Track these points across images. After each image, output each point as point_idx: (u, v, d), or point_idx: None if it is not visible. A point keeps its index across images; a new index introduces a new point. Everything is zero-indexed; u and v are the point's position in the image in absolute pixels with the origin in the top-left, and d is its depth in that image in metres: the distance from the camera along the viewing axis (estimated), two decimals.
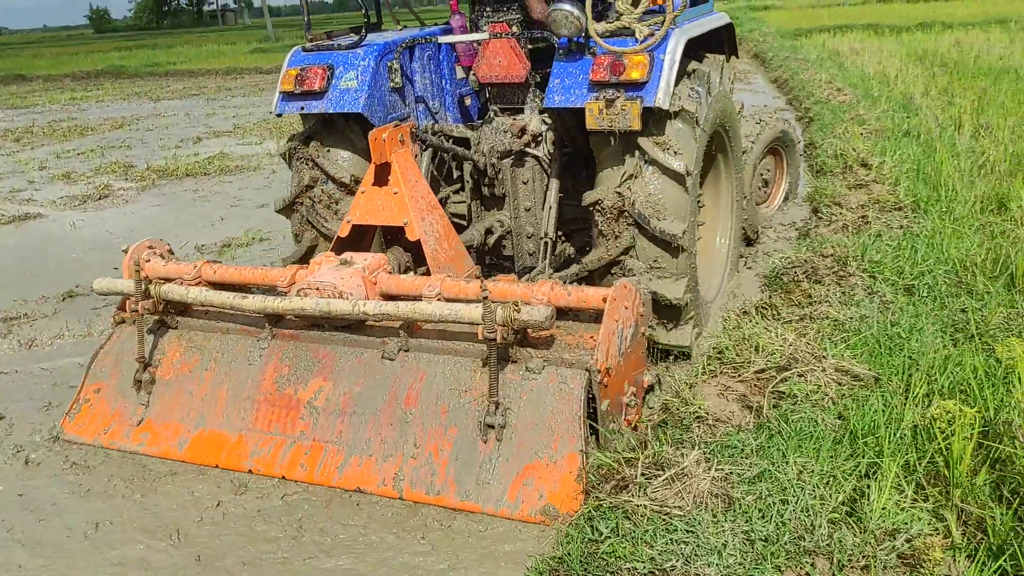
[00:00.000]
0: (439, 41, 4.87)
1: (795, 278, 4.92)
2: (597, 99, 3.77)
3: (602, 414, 3.30)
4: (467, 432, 3.35)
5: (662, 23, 3.79)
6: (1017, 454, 2.87)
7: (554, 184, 4.51)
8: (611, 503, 2.97)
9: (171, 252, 4.33)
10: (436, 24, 5.28)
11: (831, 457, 3.06)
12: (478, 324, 3.25)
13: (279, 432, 3.64)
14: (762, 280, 5.15)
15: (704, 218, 4.84)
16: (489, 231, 4.77)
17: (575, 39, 3.92)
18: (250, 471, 3.61)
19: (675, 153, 3.89)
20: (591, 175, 4.19)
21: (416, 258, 4.18)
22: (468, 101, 5.27)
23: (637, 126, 3.73)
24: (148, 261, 4.12)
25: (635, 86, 3.76)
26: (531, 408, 3.29)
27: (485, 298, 3.23)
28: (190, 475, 3.67)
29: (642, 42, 3.80)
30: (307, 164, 4.63)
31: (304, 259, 4.59)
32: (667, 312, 4.02)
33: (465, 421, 3.37)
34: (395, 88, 4.57)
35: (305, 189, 4.64)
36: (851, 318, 4.24)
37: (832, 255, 5.10)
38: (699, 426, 3.38)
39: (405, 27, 5.22)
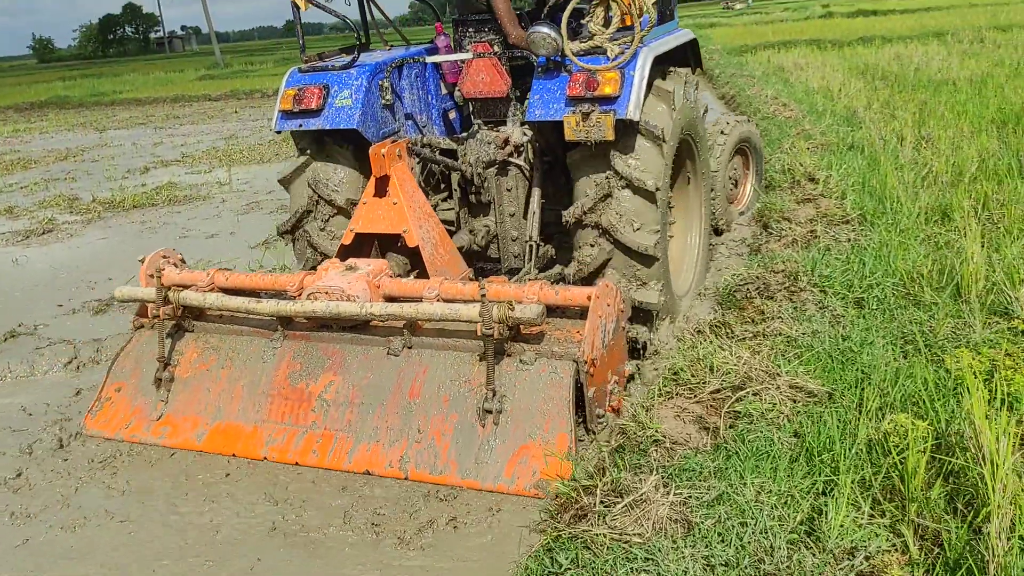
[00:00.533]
0: (428, 60, 5.28)
1: (748, 295, 4.95)
2: (574, 112, 4.12)
3: (589, 400, 3.62)
4: (467, 418, 3.67)
5: (631, 42, 4.13)
6: (969, 466, 2.90)
7: (536, 191, 4.89)
8: (570, 533, 2.94)
9: (183, 261, 4.64)
10: (419, 44, 5.63)
11: (788, 476, 3.07)
12: (476, 322, 3.57)
13: (292, 423, 3.95)
14: (716, 297, 5.17)
15: (676, 218, 5.18)
16: (477, 236, 5.08)
17: (552, 58, 4.28)
18: (265, 458, 3.90)
19: (644, 171, 4.23)
20: (569, 182, 4.51)
21: (413, 263, 4.51)
22: (452, 115, 5.59)
23: (611, 136, 4.09)
24: (163, 270, 4.34)
25: (608, 100, 4.11)
26: (525, 395, 3.62)
27: (483, 297, 3.57)
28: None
29: (613, 60, 4.15)
30: (305, 188, 4.91)
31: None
32: (642, 315, 4.41)
33: (465, 409, 3.69)
34: (386, 105, 4.89)
35: (305, 213, 4.93)
36: (803, 333, 4.27)
37: (783, 271, 5.14)
38: (657, 450, 3.36)
39: (392, 46, 5.56)
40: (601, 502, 3.02)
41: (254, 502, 3.61)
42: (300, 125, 4.75)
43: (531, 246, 4.87)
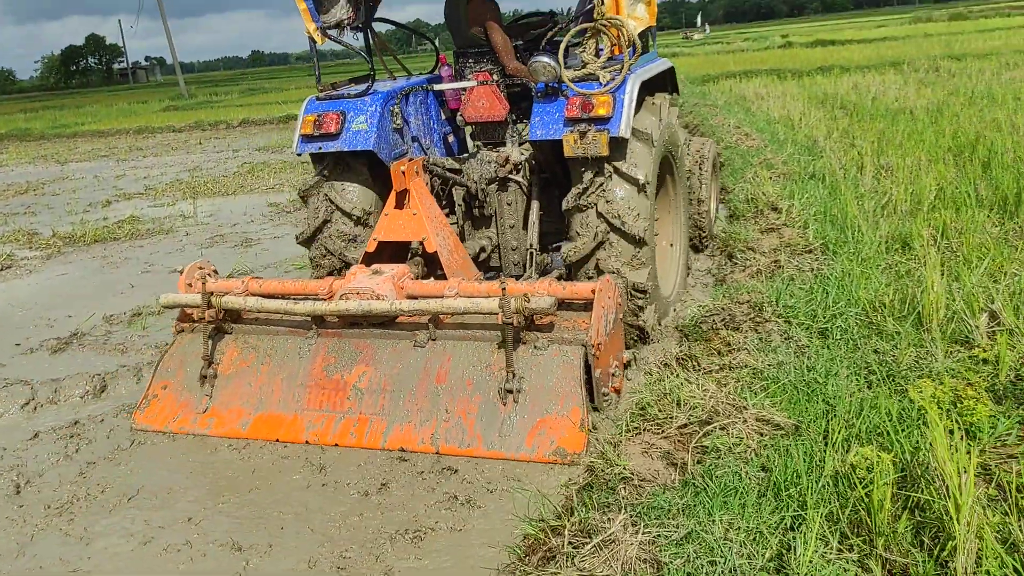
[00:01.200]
0: (436, 89, 5.90)
1: (714, 326, 4.97)
2: (572, 132, 4.63)
3: (595, 380, 4.05)
4: (489, 398, 4.09)
5: (620, 70, 4.69)
6: (934, 499, 2.91)
7: (535, 204, 5.43)
8: None
9: (215, 272, 5.06)
10: (420, 73, 6.26)
11: (756, 512, 3.06)
12: (495, 313, 4.02)
13: (330, 409, 4.34)
14: (683, 329, 5.18)
15: (659, 229, 5.58)
16: (482, 246, 5.57)
17: (551, 84, 4.80)
18: (307, 442, 4.26)
19: (636, 166, 4.77)
20: (563, 195, 4.95)
21: (429, 267, 4.98)
22: (450, 138, 6.18)
23: (605, 152, 4.59)
24: (199, 280, 4.77)
25: (602, 121, 4.63)
26: (540, 376, 4.05)
27: (503, 291, 4.00)
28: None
29: (605, 86, 4.68)
30: (324, 201, 5.34)
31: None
32: (635, 296, 4.81)
33: (487, 390, 4.11)
34: (396, 129, 5.39)
35: (323, 224, 5.35)
36: (769, 365, 4.29)
37: (748, 301, 5.17)
38: (625, 487, 3.34)
39: (395, 76, 6.07)
40: (569, 543, 2.99)
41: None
42: (320, 147, 5.21)
43: (531, 253, 5.40)
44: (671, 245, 5.83)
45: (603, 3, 4.72)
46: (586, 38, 4.81)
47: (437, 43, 7.03)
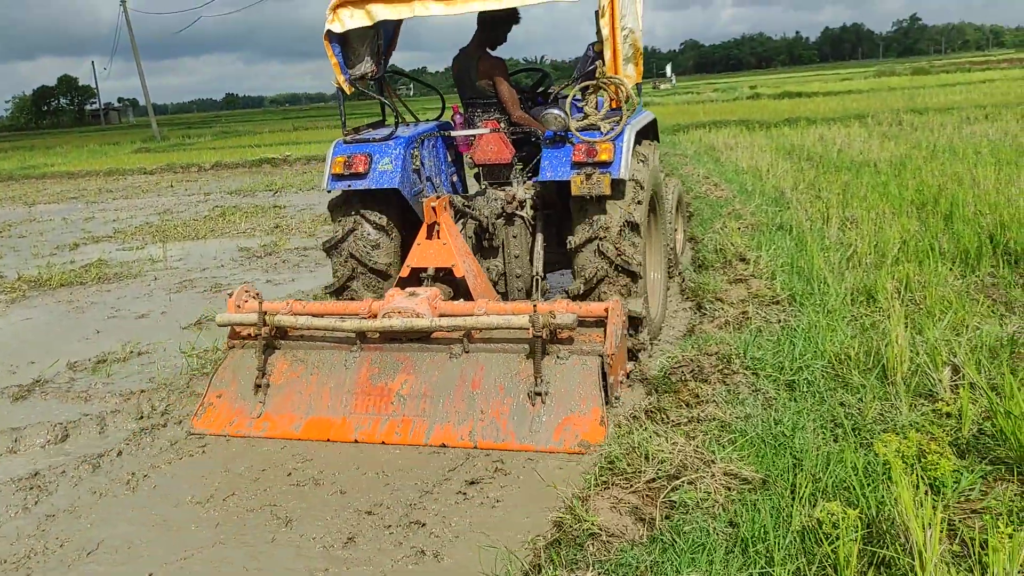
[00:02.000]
0: (453, 135, 6.53)
1: (683, 378, 4.99)
2: (579, 174, 5.33)
3: (610, 385, 4.71)
4: (519, 400, 4.70)
5: (619, 121, 5.42)
6: (899, 556, 2.92)
7: (539, 236, 6.14)
8: None
9: (259, 295, 5.61)
10: (427, 120, 7.03)
11: (724, 568, 3.05)
12: (524, 328, 4.67)
13: (375, 412, 4.89)
14: (652, 380, 5.21)
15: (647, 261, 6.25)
16: (489, 274, 6.18)
17: (559, 132, 5.51)
18: (356, 441, 4.78)
19: (631, 208, 5.47)
20: (562, 229, 5.88)
21: (456, 290, 5.56)
22: (454, 178, 6.83)
23: (608, 192, 5.29)
24: (247, 302, 5.45)
25: (605, 165, 5.33)
26: (563, 382, 4.69)
27: (535, 308, 4.68)
28: None
29: (606, 135, 5.39)
30: (351, 214, 5.99)
31: (343, 287, 6.08)
32: (632, 322, 5.45)
33: (517, 393, 4.72)
34: (415, 169, 6.03)
35: (348, 233, 5.98)
36: (737, 418, 4.31)
37: (716, 353, 5.21)
38: (593, 543, 3.31)
39: (408, 122, 6.68)
40: None
41: None
42: (350, 185, 5.83)
43: (536, 279, 6.07)
44: (655, 274, 6.46)
45: (603, 64, 5.47)
46: (588, 93, 5.52)
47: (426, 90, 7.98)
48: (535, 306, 4.73)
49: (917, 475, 3.43)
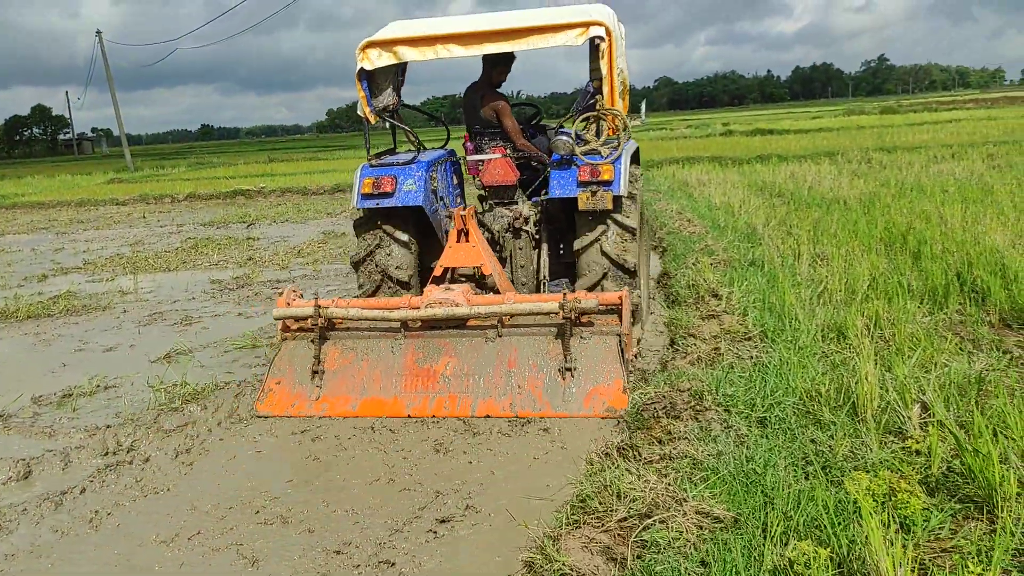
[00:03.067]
0: (469, 159, 7.43)
1: (655, 414, 4.98)
2: (584, 191, 6.22)
3: (626, 359, 5.54)
4: (551, 376, 5.53)
5: (616, 147, 6.38)
6: None
7: (544, 246, 7.08)
8: None
9: (302, 295, 6.37)
10: (434, 147, 7.77)
11: None
12: (553, 313, 5.58)
13: (423, 391, 5.64)
14: (624, 418, 5.20)
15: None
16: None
17: (565, 156, 6.39)
18: (409, 416, 5.51)
19: (629, 218, 6.40)
20: (561, 243, 7.16)
21: (481, 287, 6.52)
22: (458, 199, 7.65)
23: (610, 206, 6.21)
24: (295, 300, 6.17)
25: (607, 183, 6.22)
26: (588, 358, 5.55)
27: (564, 295, 5.51)
28: None
29: (607, 158, 6.29)
30: (376, 232, 6.79)
31: (371, 297, 6.71)
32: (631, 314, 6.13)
33: (549, 369, 5.56)
34: (433, 189, 6.82)
35: (374, 248, 6.78)
36: (709, 455, 4.30)
37: (689, 389, 5.21)
38: None
39: (420, 149, 7.31)
40: None
41: None
42: (378, 204, 6.59)
43: (544, 282, 6.98)
44: (644, 270, 7.36)
45: (602, 98, 6.38)
46: (589, 123, 6.50)
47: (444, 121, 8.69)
48: (564, 293, 5.52)
49: (888, 514, 3.44)
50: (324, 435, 5.42)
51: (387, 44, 6.37)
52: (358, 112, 6.69)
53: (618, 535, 3.62)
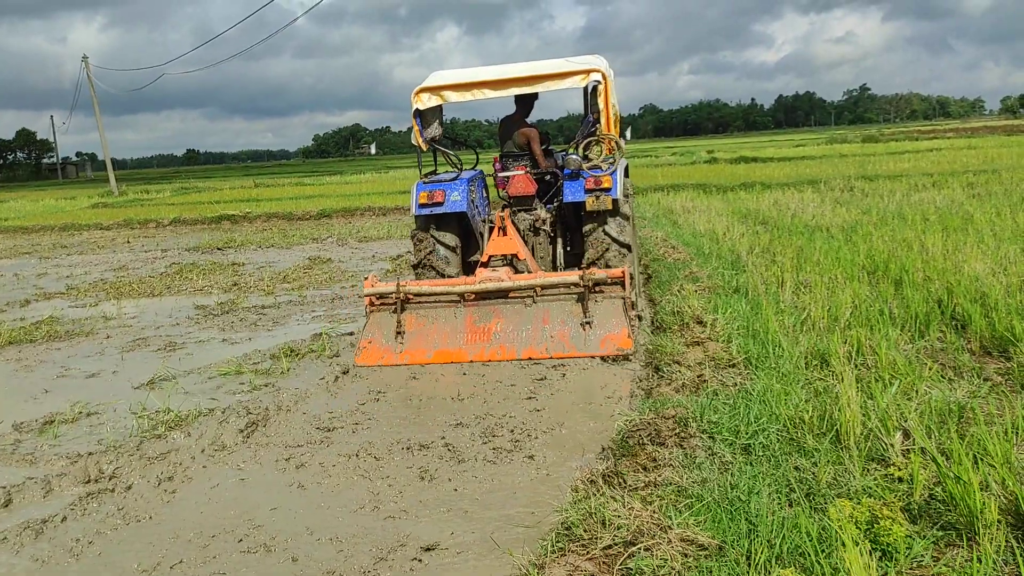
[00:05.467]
0: (496, 176, 9.35)
1: (640, 441, 4.99)
2: (591, 196, 8.13)
3: (631, 316, 7.47)
4: (575, 328, 7.46)
5: (613, 163, 8.34)
6: None
7: (559, 241, 9.11)
8: None
9: (379, 279, 8.11)
10: (468, 167, 9.41)
11: None
12: (574, 285, 7.51)
13: (480, 343, 7.54)
14: (609, 444, 5.20)
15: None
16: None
17: (575, 171, 8.29)
18: (471, 360, 7.42)
19: (624, 209, 8.37)
20: (570, 241, 9.25)
21: (516, 270, 8.15)
22: (488, 208, 9.52)
23: (610, 207, 8.14)
24: (377, 283, 7.90)
25: (607, 190, 8.10)
26: (602, 315, 7.44)
27: (583, 270, 7.48)
28: None
29: (607, 171, 8.22)
30: (428, 240, 8.65)
31: None
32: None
33: (573, 324, 7.48)
34: (472, 200, 8.68)
35: (429, 253, 8.62)
36: (693, 482, 4.31)
37: (673, 416, 5.22)
38: None
39: (460, 168, 9.08)
40: None
41: None
42: (431, 211, 8.44)
43: (559, 268, 8.92)
44: (634, 253, 8.97)
45: (601, 126, 8.33)
46: (591, 143, 8.51)
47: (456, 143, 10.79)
48: (583, 270, 7.48)
49: (870, 541, 3.45)
50: (308, 462, 5.40)
51: (435, 89, 8.31)
52: (412, 141, 8.57)
53: (603, 563, 3.62)
